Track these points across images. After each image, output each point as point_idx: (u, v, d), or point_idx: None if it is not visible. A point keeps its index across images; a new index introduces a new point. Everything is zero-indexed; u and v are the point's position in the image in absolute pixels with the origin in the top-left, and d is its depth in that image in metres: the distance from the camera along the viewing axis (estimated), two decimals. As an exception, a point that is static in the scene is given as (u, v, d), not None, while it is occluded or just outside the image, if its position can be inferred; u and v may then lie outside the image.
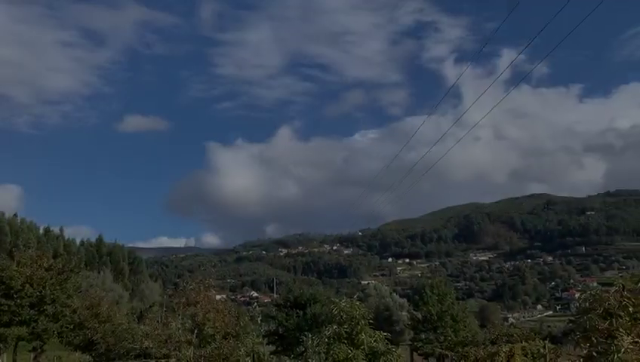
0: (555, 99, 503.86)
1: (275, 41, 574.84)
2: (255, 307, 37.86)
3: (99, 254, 67.69)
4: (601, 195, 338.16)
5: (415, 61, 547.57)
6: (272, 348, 37.68)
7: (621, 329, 7.59)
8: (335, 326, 15.98)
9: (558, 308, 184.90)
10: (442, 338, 39.06)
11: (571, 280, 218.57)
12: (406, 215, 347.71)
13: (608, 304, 7.93)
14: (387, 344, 16.51)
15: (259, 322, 24.22)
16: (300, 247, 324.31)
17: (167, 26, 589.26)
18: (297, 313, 36.81)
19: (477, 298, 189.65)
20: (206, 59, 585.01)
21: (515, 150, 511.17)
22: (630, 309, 7.79)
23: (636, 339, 7.67)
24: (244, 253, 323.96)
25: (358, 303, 17.23)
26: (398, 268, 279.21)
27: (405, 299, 72.94)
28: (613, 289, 8.24)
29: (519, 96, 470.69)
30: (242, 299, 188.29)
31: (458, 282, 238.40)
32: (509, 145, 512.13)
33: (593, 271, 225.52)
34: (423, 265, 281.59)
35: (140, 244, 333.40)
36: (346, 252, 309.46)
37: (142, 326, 23.59)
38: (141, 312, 33.99)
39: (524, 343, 32.83)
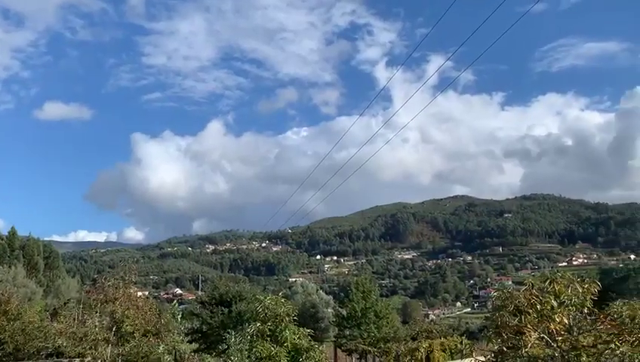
0: (479, 106, 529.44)
1: (208, 33, 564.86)
2: (174, 304, 35.89)
3: (10, 248, 63.35)
4: (519, 198, 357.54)
5: (348, 62, 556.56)
6: (194, 346, 36.93)
7: (529, 326, 8.02)
8: (259, 324, 15.89)
9: (475, 305, 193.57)
10: (365, 334, 39.77)
11: (488, 279, 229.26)
12: (335, 213, 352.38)
13: (518, 302, 8.34)
14: (310, 341, 16.61)
15: (178, 320, 23.45)
16: (228, 244, 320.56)
17: (94, 11, 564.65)
18: (222, 310, 36.23)
19: (400, 295, 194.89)
20: (135, 47, 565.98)
21: (441, 153, 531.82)
22: (538, 307, 8.24)
23: (542, 335, 8.13)
24: (169, 249, 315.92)
25: (283, 300, 17.23)
26: (326, 266, 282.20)
27: (331, 296, 73.81)
28: (523, 288, 8.68)
29: (446, 101, 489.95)
30: (165, 296, 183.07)
31: (383, 279, 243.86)
32: (435, 148, 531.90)
33: (509, 271, 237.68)
34: (350, 263, 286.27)
35: (58, 238, 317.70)
36: (274, 249, 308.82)
37: (55, 324, 22.37)
38: (55, 309, 32.24)
39: (442, 339, 34.16)
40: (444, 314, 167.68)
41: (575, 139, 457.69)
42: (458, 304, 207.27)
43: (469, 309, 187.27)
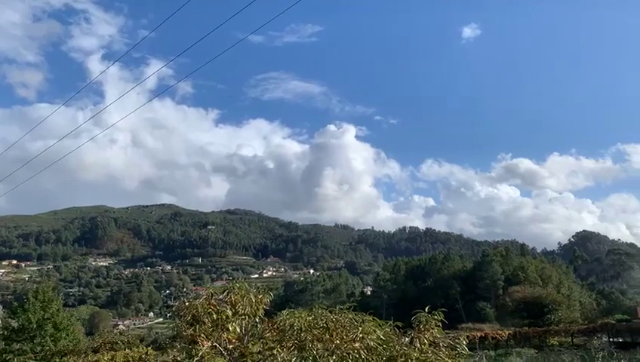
0: (195, 119, 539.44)
1: None
2: None
3: None
4: (223, 212, 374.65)
5: (58, 46, 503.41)
6: None
7: (203, 335, 8.18)
8: None
9: (168, 315, 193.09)
10: (39, 348, 35.53)
11: (185, 289, 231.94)
12: (21, 211, 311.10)
13: (196, 311, 8.46)
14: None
15: None
16: None
17: None
18: None
19: (89, 304, 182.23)
20: None
21: (151, 159, 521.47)
22: (214, 316, 8.49)
23: (215, 344, 8.39)
24: None
25: None
26: (1, 271, 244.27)
27: (2, 306, 64.13)
28: (202, 297, 8.86)
29: (163, 108, 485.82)
30: None
31: (72, 288, 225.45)
32: (146, 154, 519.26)
33: (205, 281, 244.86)
34: (33, 269, 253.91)
35: None
36: None
37: None
38: None
39: (127, 351, 32.80)
40: (134, 324, 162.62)
41: (276, 163, 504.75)
42: (151, 314, 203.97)
43: (162, 319, 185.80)
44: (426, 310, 7.53)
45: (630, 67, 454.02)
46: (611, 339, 46.05)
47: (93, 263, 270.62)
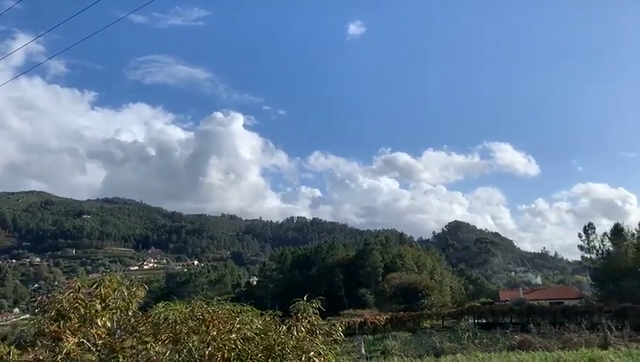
0: (68, 100, 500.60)
1: None
2: None
3: None
4: (100, 201, 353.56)
5: None
6: None
7: (68, 331, 7.66)
8: None
9: (37, 310, 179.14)
10: None
11: (56, 282, 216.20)
12: None
13: (61, 306, 7.90)
14: None
15: None
16: None
17: None
18: None
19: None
20: None
21: (16, 142, 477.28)
22: (82, 311, 7.96)
23: (82, 340, 7.87)
24: None
25: None
26: None
27: None
28: (69, 291, 8.28)
29: (31, 87, 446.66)
30: None
31: None
32: (10, 136, 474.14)
33: (80, 274, 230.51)
34: None
35: None
36: None
37: None
38: None
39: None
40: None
41: (158, 150, 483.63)
42: (16, 310, 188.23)
43: (29, 315, 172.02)
44: (305, 298, 7.65)
45: (494, 72, 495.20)
46: (476, 321, 50.32)
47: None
